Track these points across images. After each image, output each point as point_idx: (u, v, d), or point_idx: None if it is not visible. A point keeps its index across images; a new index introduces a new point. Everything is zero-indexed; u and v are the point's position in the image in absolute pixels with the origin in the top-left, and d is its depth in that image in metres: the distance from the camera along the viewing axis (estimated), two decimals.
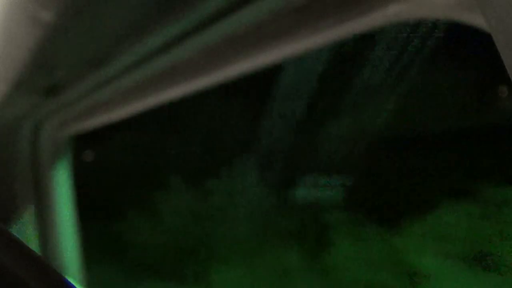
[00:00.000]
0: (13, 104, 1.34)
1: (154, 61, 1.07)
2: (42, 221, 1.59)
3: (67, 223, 1.60)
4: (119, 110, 1.31)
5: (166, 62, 1.06)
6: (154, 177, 1.60)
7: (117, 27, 0.93)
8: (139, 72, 1.14)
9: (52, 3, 0.81)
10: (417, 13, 0.63)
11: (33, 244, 1.55)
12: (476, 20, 0.53)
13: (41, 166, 1.59)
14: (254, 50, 0.85)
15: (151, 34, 0.93)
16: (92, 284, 1.60)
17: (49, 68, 1.08)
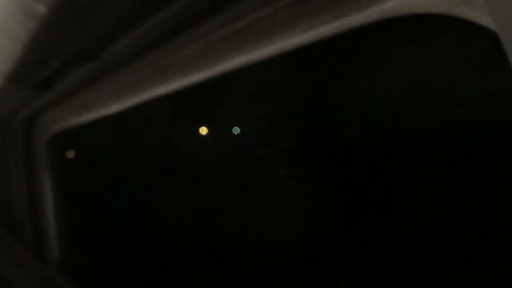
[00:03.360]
0: (5, 98, 1.33)
1: (148, 55, 1.06)
2: (35, 214, 1.58)
3: (61, 216, 1.59)
4: (113, 104, 1.30)
5: (161, 56, 1.05)
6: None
7: (111, 20, 0.93)
8: (133, 66, 1.13)
9: None
10: (414, 8, 0.63)
11: (27, 239, 1.55)
12: (474, 14, 0.53)
13: (34, 160, 1.58)
14: (250, 44, 0.85)
15: (145, 28, 0.93)
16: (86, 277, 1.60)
17: (42, 61, 1.07)
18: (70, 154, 1.70)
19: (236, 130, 1.25)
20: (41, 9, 0.83)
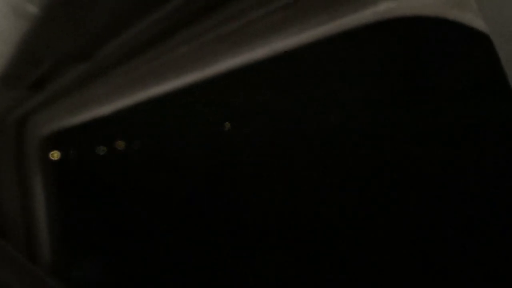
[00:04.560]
0: None
1: (142, 56, 1.06)
2: (27, 215, 1.57)
3: (52, 217, 1.59)
4: (105, 105, 1.30)
5: (155, 57, 1.05)
6: None
7: (104, 20, 0.92)
8: (126, 67, 1.12)
9: None
10: (407, 10, 0.63)
11: (18, 240, 1.54)
12: (466, 17, 0.53)
13: (26, 161, 1.57)
14: (244, 45, 0.85)
15: (139, 28, 0.92)
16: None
17: (35, 62, 1.07)
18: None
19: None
20: (33, 9, 0.83)
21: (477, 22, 0.51)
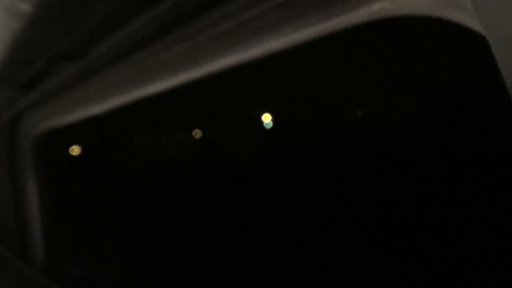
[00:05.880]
0: None
1: (136, 55, 1.05)
2: (21, 215, 1.56)
3: (47, 219, 1.58)
4: (99, 105, 1.29)
5: (148, 56, 1.04)
6: None
7: (97, 19, 0.92)
8: (120, 66, 1.12)
9: None
10: (401, 10, 0.63)
11: (12, 243, 1.53)
12: (461, 17, 0.53)
13: (18, 162, 1.56)
14: (238, 45, 0.85)
15: (133, 27, 0.92)
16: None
17: (27, 61, 1.06)
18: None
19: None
20: (26, 8, 0.82)
21: (472, 22, 0.52)
